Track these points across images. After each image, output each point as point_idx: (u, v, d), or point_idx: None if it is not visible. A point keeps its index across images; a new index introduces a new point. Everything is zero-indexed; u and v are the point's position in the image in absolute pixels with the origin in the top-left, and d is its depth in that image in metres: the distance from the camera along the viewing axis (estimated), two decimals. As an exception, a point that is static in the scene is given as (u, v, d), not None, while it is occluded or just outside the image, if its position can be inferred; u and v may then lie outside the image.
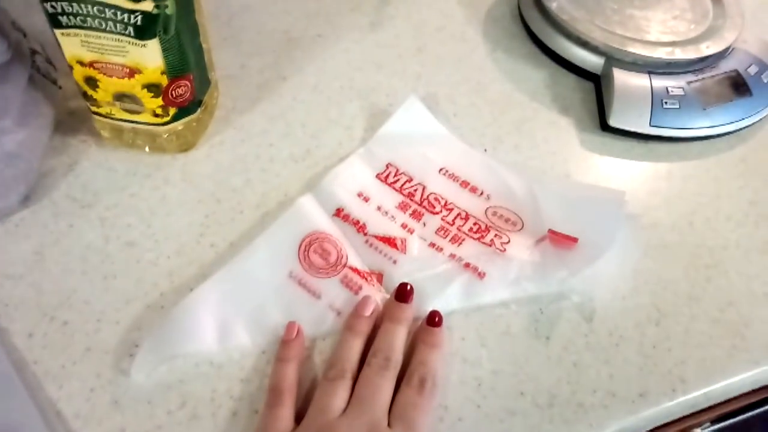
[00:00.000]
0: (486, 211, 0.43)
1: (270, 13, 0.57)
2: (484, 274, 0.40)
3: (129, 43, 0.35)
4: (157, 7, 0.34)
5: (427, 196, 0.44)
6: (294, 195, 0.44)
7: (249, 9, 0.57)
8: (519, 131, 0.50)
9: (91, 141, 0.45)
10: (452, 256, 0.41)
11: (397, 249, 0.41)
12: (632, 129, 0.49)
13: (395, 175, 0.45)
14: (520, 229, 0.42)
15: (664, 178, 0.48)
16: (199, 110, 0.43)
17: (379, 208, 0.43)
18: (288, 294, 0.39)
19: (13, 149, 0.39)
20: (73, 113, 0.46)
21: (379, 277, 0.40)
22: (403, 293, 0.37)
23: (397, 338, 0.35)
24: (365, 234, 0.41)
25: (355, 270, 0.40)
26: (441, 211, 0.43)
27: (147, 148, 0.44)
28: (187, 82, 0.40)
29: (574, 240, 0.40)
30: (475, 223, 0.42)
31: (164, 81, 0.38)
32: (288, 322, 0.37)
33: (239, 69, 0.52)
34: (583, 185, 0.46)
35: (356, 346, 0.35)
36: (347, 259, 0.40)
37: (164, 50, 0.37)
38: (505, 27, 0.58)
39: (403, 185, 0.44)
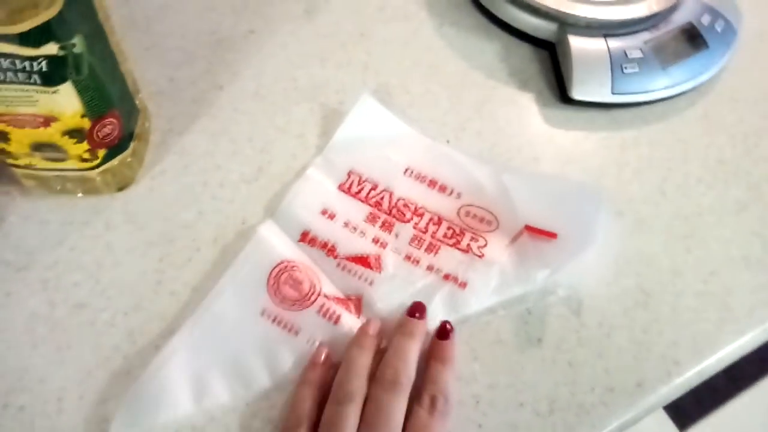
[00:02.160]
0: (459, 212, 0.41)
1: (192, 12, 0.51)
2: (465, 283, 0.38)
3: (37, 91, 0.30)
4: (63, 48, 0.29)
5: (396, 203, 0.41)
6: (253, 221, 0.40)
7: (168, 9, 0.51)
8: (480, 115, 0.47)
9: (14, 191, 0.40)
10: (430, 267, 0.39)
11: (372, 268, 0.38)
12: (595, 99, 0.47)
13: (359, 184, 0.42)
14: (496, 228, 0.40)
15: (631, 147, 0.46)
16: (132, 144, 0.39)
17: (346, 225, 0.40)
18: (263, 335, 0.36)
19: None
20: (-12, 163, 0.41)
21: (357, 302, 0.37)
22: (416, 310, 0.36)
23: (410, 352, 0.34)
24: (336, 257, 0.39)
25: (331, 298, 0.37)
26: (412, 218, 0.41)
27: (80, 193, 0.40)
28: (113, 119, 0.35)
29: (553, 235, 0.38)
30: (449, 228, 0.40)
31: (86, 124, 0.34)
32: (318, 346, 0.35)
33: (168, 83, 0.46)
34: (554, 175, 0.44)
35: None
36: (321, 286, 0.37)
37: (80, 92, 0.32)
38: (448, -2, 0.55)
39: (368, 194, 0.42)
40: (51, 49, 0.29)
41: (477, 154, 0.44)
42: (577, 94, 0.47)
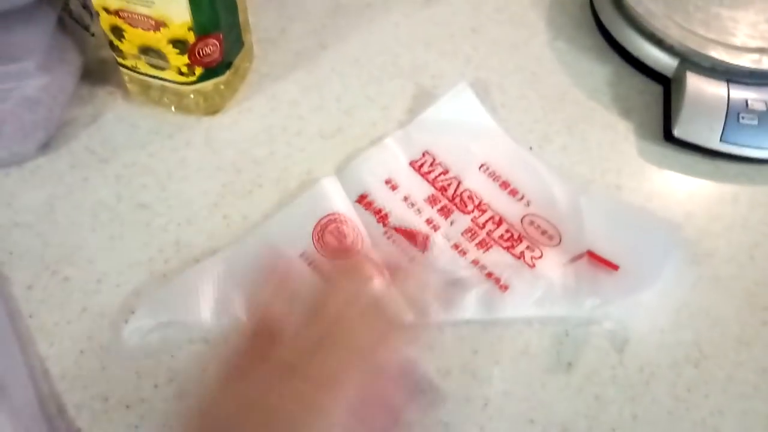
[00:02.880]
0: (522, 219, 0.39)
1: (321, -23, 0.53)
2: (507, 287, 0.36)
3: (155, -7, 0.33)
4: (185, -44, 0.31)
5: (461, 193, 0.40)
6: (318, 174, 0.41)
7: (299, -30, 0.54)
8: (570, 131, 0.45)
9: (118, 94, 0.44)
10: (475, 262, 0.37)
11: (417, 246, 0.38)
12: (699, 143, 0.44)
13: (431, 165, 0.42)
14: (557, 244, 0.38)
15: (728, 202, 0.43)
16: (228, 72, 0.41)
17: (405, 199, 0.40)
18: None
19: (34, 94, 0.37)
20: (104, 63, 0.44)
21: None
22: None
23: None
24: (386, 225, 0.38)
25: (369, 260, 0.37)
26: (473, 211, 0.40)
27: (173, 108, 0.42)
28: (216, 42, 0.38)
29: (615, 267, 0.36)
30: (507, 230, 0.39)
31: (191, 38, 0.36)
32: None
33: (279, 33, 0.49)
34: (635, 207, 0.41)
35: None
36: (363, 246, 0.37)
37: (192, 4, 0.34)
38: (571, 14, 0.53)
39: (437, 177, 0.41)
40: (175, -46, 0.31)
41: (557, 167, 0.43)
42: (680, 132, 0.44)
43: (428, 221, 0.39)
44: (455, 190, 0.41)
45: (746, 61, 0.45)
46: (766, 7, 0.49)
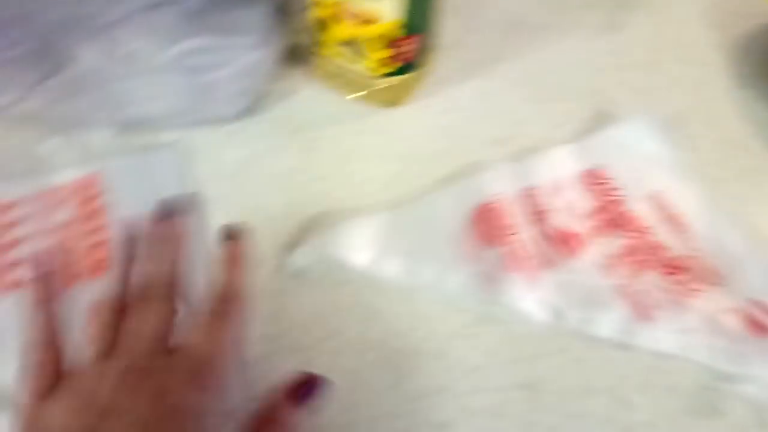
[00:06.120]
0: (685, 252, 0.39)
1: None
2: (651, 314, 0.35)
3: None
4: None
5: (626, 212, 0.40)
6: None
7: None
8: (744, 179, 0.44)
9: (311, 76, 0.48)
10: (622, 282, 0.37)
11: (571, 249, 0.38)
12: None
13: (603, 179, 0.42)
14: (720, 285, 0.37)
15: None
16: (414, 72, 0.44)
17: (569, 204, 0.40)
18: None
19: (245, 67, 0.42)
20: (303, 47, 0.49)
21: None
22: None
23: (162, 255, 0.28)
24: (543, 223, 0.39)
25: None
26: (635, 232, 0.39)
27: (358, 96, 0.46)
28: (414, 42, 0.40)
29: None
30: (670, 258, 0.38)
31: (395, 35, 0.39)
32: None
33: (459, 41, 0.51)
34: None
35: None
36: (517, 234, 0.39)
37: (410, 4, 0.37)
38: (758, 60, 0.51)
39: (607, 191, 0.41)
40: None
41: (729, 213, 0.41)
42: None
43: (586, 231, 0.39)
44: (621, 207, 0.40)
45: None
46: None
